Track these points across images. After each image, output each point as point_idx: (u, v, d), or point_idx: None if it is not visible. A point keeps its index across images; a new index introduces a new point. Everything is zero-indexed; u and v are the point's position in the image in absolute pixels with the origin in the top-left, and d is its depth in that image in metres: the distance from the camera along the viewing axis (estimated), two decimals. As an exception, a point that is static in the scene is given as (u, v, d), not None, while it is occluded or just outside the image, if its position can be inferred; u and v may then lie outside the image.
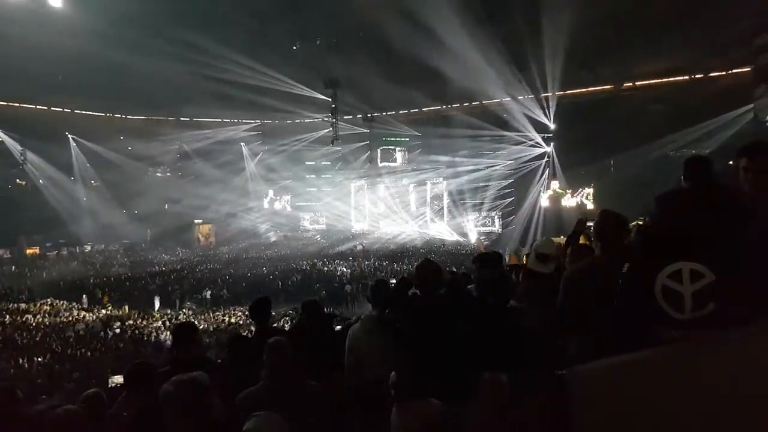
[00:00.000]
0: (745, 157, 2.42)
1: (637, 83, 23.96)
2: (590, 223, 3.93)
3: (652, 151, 21.23)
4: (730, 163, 2.57)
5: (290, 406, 2.58)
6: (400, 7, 18.15)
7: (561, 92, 25.77)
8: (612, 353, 2.33)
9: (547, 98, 26.51)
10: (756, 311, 2.19)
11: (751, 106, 20.62)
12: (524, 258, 5.46)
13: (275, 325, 9.43)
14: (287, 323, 13.37)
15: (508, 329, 3.06)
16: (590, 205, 27.07)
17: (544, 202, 29.15)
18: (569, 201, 28.28)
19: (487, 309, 3.58)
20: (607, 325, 2.50)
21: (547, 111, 27.14)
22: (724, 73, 21.68)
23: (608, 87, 24.56)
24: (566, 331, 2.74)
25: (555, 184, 28.65)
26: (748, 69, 20.87)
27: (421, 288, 3.47)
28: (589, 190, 27.95)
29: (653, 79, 23.29)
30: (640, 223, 4.35)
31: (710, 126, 20.87)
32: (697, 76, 22.31)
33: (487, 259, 4.62)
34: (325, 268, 26.35)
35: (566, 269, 3.29)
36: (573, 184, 28.43)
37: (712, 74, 21.96)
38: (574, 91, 25.45)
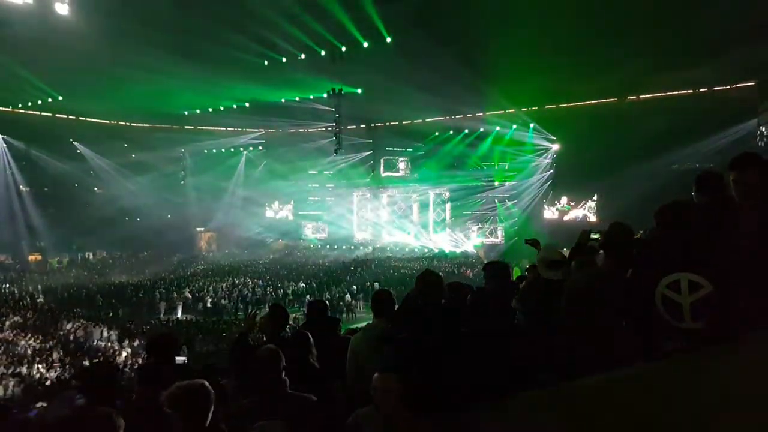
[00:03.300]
0: (734, 170, 2.44)
1: (641, 96, 23.95)
2: (594, 236, 3.93)
3: (656, 165, 21.20)
4: (731, 177, 2.58)
5: (282, 417, 2.56)
6: (403, 17, 18.28)
7: (565, 104, 25.83)
8: (614, 359, 2.31)
9: (551, 110, 26.59)
10: (752, 320, 2.18)
11: (756, 120, 20.63)
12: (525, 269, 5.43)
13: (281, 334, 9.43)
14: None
15: (509, 336, 3.04)
16: (593, 218, 27.03)
17: (550, 214, 29.13)
18: (572, 213, 28.29)
19: (488, 317, 3.57)
20: (611, 332, 2.51)
21: (550, 123, 27.22)
22: (728, 87, 21.65)
23: (612, 99, 24.59)
24: (570, 336, 2.74)
25: (564, 199, 28.65)
26: (753, 83, 20.88)
27: (423, 298, 3.46)
28: (593, 203, 27.93)
29: (657, 92, 23.28)
30: (640, 235, 4.34)
31: (715, 140, 20.83)
32: (701, 89, 22.28)
33: (494, 267, 4.62)
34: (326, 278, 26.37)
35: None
36: (576, 196, 28.43)
37: (716, 88, 21.92)
38: (578, 103, 25.49)
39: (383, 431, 2.53)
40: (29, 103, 27.84)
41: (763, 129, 20.26)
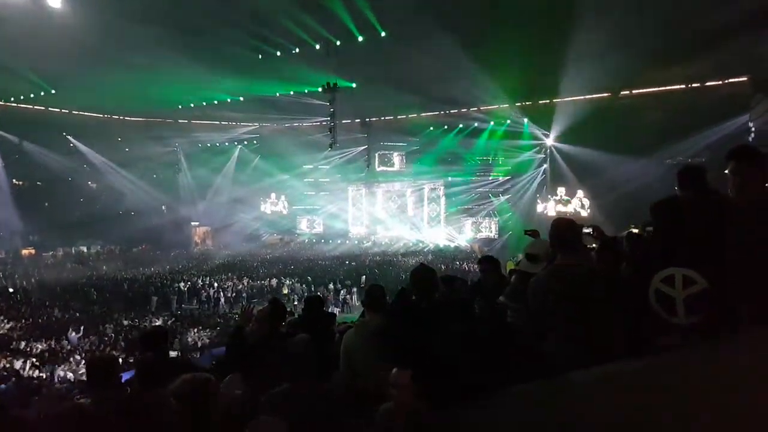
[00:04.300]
0: (731, 160, 2.46)
1: (633, 91, 24.01)
2: (586, 230, 3.96)
3: (648, 159, 21.30)
4: (726, 171, 2.59)
5: (313, 407, 2.58)
6: (396, 11, 18.20)
7: (559, 99, 25.86)
8: (609, 354, 2.33)
9: (545, 105, 26.62)
10: (744, 316, 2.20)
11: (748, 115, 20.71)
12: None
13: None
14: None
15: (499, 332, 3.07)
16: (584, 213, 27.17)
17: (543, 208, 29.24)
18: (565, 208, 28.39)
19: (479, 312, 3.59)
20: (574, 327, 2.54)
21: (544, 117, 27.25)
22: (720, 82, 21.74)
23: (606, 95, 24.63)
24: (536, 334, 2.77)
25: (561, 190, 28.72)
26: (745, 78, 20.97)
27: (417, 292, 3.48)
28: (585, 198, 28.02)
29: (650, 87, 23.35)
30: (634, 230, 4.37)
31: (707, 135, 20.93)
32: (693, 84, 22.37)
33: (490, 261, 4.65)
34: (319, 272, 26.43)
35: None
36: (568, 191, 28.53)
37: (708, 83, 22.02)
38: (572, 98, 25.52)
39: (404, 426, 2.56)
40: (21, 97, 27.53)
41: (753, 125, 20.36)
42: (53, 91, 26.19)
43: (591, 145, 23.63)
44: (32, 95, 26.93)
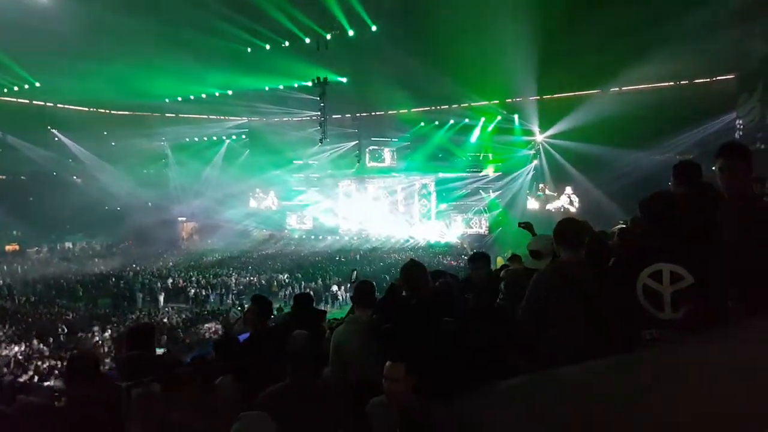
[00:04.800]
0: (720, 157, 2.47)
1: (623, 88, 24.17)
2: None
3: (637, 155, 21.49)
4: (714, 168, 2.60)
5: (313, 403, 2.57)
6: (387, 6, 18.14)
7: (549, 96, 25.97)
8: (584, 350, 2.33)
9: (534, 101, 26.71)
10: (733, 311, 2.21)
11: (735, 113, 20.96)
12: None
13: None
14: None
15: (492, 328, 3.07)
16: (573, 209, 27.37)
17: (533, 204, 29.42)
18: (553, 204, 28.58)
19: (473, 308, 3.59)
20: (573, 324, 2.55)
21: (535, 114, 27.37)
22: (708, 79, 21.97)
23: (595, 91, 24.76)
24: (529, 329, 2.78)
25: (551, 187, 28.87)
26: (732, 76, 21.21)
27: (408, 288, 3.47)
28: (574, 195, 28.22)
29: (640, 84, 23.51)
30: (623, 225, 4.40)
31: (696, 133, 21.18)
32: (682, 82, 22.60)
33: (481, 258, 4.67)
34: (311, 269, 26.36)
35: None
36: (558, 187, 28.72)
37: (697, 81, 22.26)
38: (561, 95, 25.65)
39: (397, 420, 2.55)
40: (5, 90, 27.00)
41: (739, 122, 20.59)
42: (37, 84, 25.74)
43: (581, 142, 23.82)
44: (16, 88, 26.43)
